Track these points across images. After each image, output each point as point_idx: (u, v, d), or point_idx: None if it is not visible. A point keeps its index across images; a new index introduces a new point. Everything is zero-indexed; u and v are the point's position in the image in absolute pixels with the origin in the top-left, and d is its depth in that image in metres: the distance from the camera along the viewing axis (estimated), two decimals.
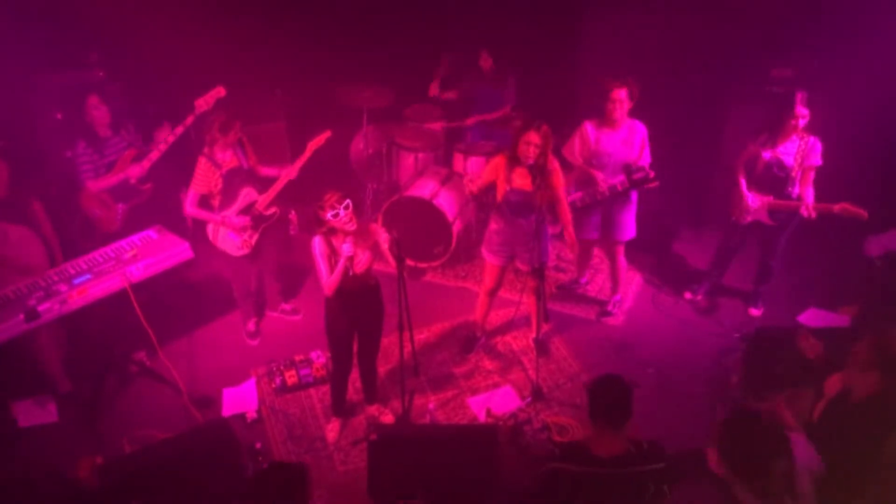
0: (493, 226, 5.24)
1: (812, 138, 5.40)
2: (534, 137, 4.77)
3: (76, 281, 4.81)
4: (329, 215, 4.26)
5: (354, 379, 5.08)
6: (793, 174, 5.44)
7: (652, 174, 5.40)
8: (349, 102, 6.87)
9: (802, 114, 5.33)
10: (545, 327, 5.65)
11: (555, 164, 4.97)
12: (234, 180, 5.32)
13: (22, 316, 4.51)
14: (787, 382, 4.61)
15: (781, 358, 4.56)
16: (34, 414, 5.07)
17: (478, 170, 6.60)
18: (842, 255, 6.36)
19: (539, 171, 4.85)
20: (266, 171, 5.51)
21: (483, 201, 6.82)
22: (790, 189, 5.49)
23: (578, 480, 3.17)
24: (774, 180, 5.52)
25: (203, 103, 5.39)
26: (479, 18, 7.50)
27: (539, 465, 3.27)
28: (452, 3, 7.65)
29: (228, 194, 5.32)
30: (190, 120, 5.41)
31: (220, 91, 5.41)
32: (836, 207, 5.28)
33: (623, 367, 5.41)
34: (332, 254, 4.42)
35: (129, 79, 6.70)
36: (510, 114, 7.00)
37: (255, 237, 5.46)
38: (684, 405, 5.12)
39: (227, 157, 5.28)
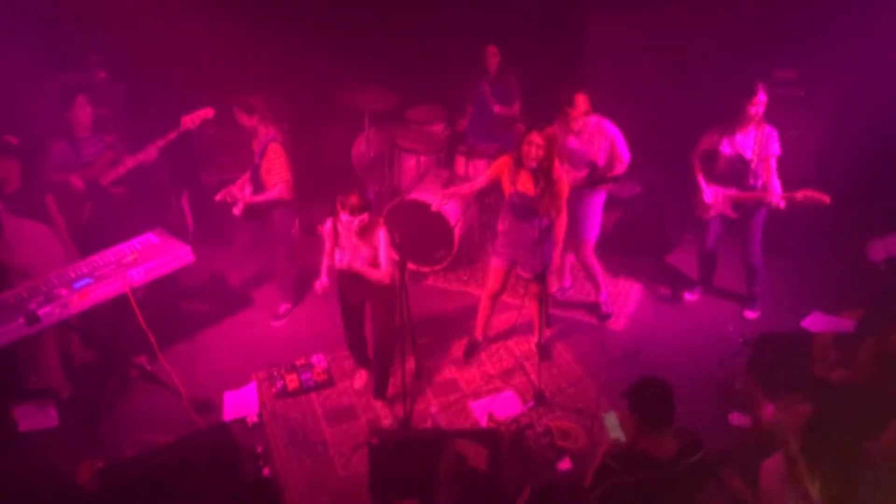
0: (500, 227, 5.25)
1: (768, 127, 5.38)
2: (536, 137, 4.75)
3: (77, 285, 4.79)
4: (342, 216, 4.56)
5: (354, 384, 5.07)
6: (752, 166, 5.43)
7: (609, 174, 5.43)
8: (351, 104, 6.86)
9: (762, 100, 5.30)
10: (547, 332, 5.63)
11: (561, 174, 4.94)
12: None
13: (22, 320, 4.49)
14: (792, 387, 4.60)
15: (785, 364, 4.55)
16: (35, 418, 5.05)
17: (478, 173, 6.59)
18: (846, 259, 6.34)
19: (543, 176, 4.83)
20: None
21: (486, 203, 6.81)
22: (752, 181, 5.47)
23: (642, 488, 3.17)
24: (735, 174, 5.51)
25: (189, 121, 5.48)
26: (481, 20, 7.49)
27: (594, 485, 3.24)
28: (455, 5, 7.64)
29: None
30: (173, 135, 5.52)
31: (208, 112, 5.51)
32: (799, 195, 5.24)
33: (626, 372, 5.39)
34: (336, 237, 4.77)
35: (132, 79, 6.70)
36: (517, 115, 6.97)
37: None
38: (687, 410, 5.07)
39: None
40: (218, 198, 5.59)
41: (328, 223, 4.80)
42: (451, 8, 7.66)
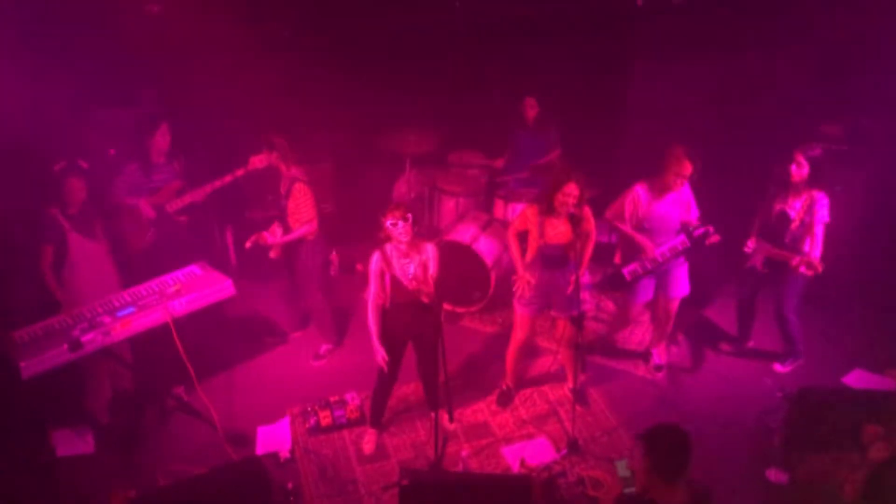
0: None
1: (818, 193, 5.34)
2: (573, 189, 4.78)
3: (120, 313, 4.90)
4: (388, 223, 4.58)
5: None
6: (792, 227, 5.40)
7: (711, 229, 5.38)
8: (394, 147, 6.97)
9: (800, 164, 5.29)
10: (582, 377, 5.58)
11: (587, 211, 4.98)
12: None
13: (66, 346, 4.60)
14: (832, 446, 4.48)
15: (826, 420, 4.45)
16: (72, 443, 5.12)
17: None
18: (890, 315, 6.22)
19: (577, 221, 4.85)
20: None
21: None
22: (788, 240, 5.44)
23: None
24: (779, 230, 5.49)
25: (258, 161, 5.59)
26: (523, 65, 7.58)
27: None
28: (496, 52, 7.75)
29: None
30: (240, 172, 5.65)
31: (273, 157, 5.59)
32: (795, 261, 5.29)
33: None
34: (386, 270, 4.72)
35: (181, 117, 6.88)
36: (556, 162, 6.99)
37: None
38: (723, 464, 4.98)
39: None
40: (248, 245, 5.64)
41: (375, 258, 4.74)
42: (494, 55, 7.77)
